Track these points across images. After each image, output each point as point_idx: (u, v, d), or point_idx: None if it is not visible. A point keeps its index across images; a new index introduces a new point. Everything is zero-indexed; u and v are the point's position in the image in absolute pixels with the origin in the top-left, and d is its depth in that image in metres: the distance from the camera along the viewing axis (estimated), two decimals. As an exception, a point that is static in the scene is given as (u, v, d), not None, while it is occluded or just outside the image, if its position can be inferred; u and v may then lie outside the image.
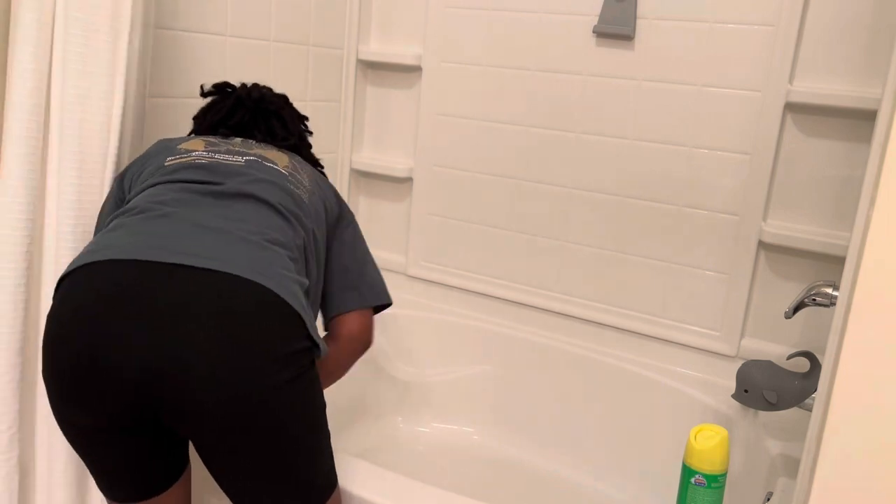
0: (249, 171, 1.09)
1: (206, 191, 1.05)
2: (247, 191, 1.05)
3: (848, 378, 0.65)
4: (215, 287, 0.90)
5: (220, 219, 1.00)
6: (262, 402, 0.90)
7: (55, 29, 1.13)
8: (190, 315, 0.88)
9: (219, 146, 1.16)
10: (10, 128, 1.11)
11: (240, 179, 1.07)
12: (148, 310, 0.89)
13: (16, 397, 1.16)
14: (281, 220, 1.05)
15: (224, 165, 1.10)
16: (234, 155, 1.13)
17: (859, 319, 0.64)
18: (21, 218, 1.13)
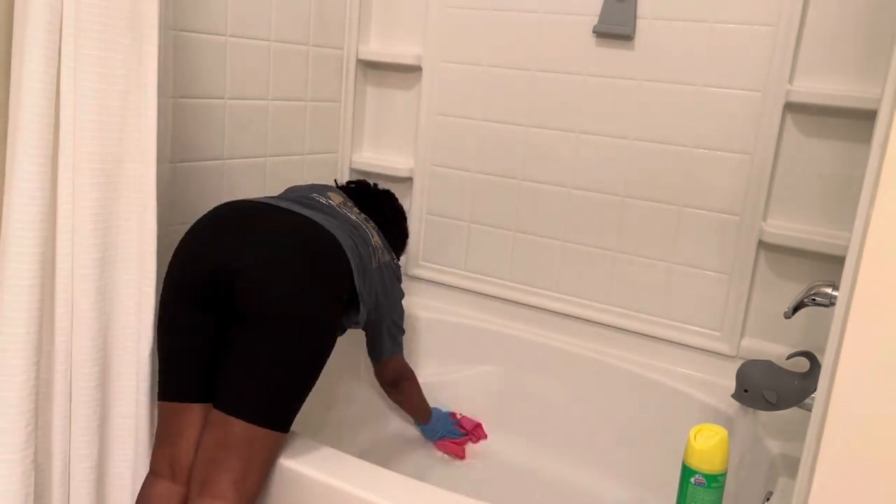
0: (338, 212, 1.46)
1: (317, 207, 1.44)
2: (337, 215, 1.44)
3: (848, 378, 0.65)
4: (300, 225, 1.29)
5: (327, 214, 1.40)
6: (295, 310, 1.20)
7: (64, 29, 1.13)
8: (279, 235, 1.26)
9: (347, 206, 1.53)
10: (21, 129, 1.11)
11: (337, 220, 1.42)
12: (237, 224, 1.28)
13: (32, 396, 1.16)
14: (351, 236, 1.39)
15: (339, 212, 1.47)
16: (352, 214, 1.49)
17: (859, 319, 0.64)
18: (35, 219, 1.13)
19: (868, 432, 0.65)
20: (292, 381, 1.20)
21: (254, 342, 1.19)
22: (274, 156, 1.87)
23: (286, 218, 1.30)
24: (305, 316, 1.20)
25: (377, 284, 1.43)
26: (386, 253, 1.52)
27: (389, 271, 1.51)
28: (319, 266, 1.24)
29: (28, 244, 1.13)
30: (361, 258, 1.34)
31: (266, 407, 1.19)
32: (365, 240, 1.42)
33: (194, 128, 1.64)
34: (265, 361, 1.18)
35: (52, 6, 1.10)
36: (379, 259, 1.46)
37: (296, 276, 1.21)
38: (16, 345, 1.14)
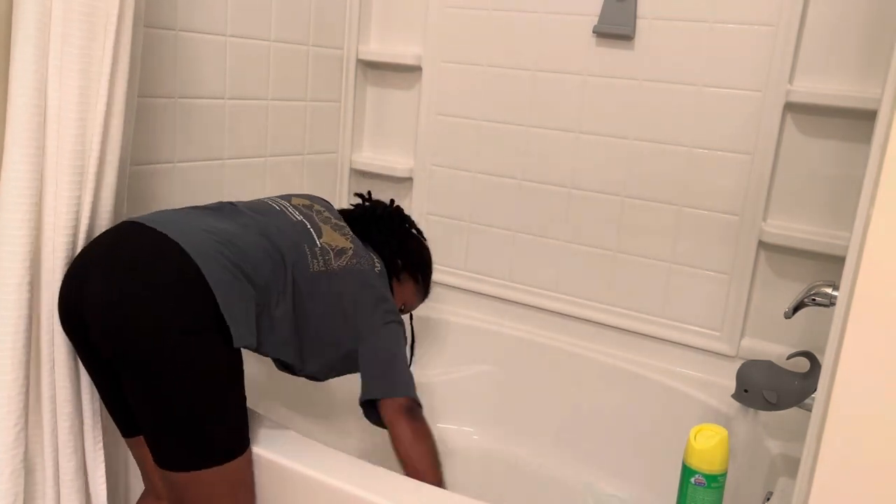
0: (286, 222, 1.31)
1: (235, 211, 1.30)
2: (257, 223, 1.27)
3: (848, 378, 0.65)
4: (152, 244, 1.13)
5: (217, 223, 1.22)
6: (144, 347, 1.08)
7: (52, 28, 1.13)
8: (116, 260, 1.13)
9: (303, 208, 1.39)
10: (14, 129, 1.11)
11: (268, 219, 1.29)
12: (98, 253, 1.15)
13: (21, 395, 1.16)
14: (263, 252, 1.22)
15: (281, 213, 1.33)
16: (302, 216, 1.35)
17: (859, 319, 0.64)
18: (24, 217, 1.13)
19: (868, 432, 0.65)
20: (192, 416, 1.10)
21: (129, 387, 1.11)
22: (274, 156, 1.87)
23: (131, 242, 1.15)
24: (149, 348, 1.07)
25: (325, 289, 1.28)
26: (352, 258, 1.35)
27: (356, 275, 1.34)
28: (156, 293, 1.09)
29: (18, 243, 1.13)
30: (239, 261, 1.16)
31: (187, 453, 1.11)
32: (295, 242, 1.27)
33: (194, 128, 1.64)
34: (152, 408, 1.10)
35: (41, 3, 1.11)
36: (331, 263, 1.30)
37: (124, 307, 1.08)
38: (4, 344, 1.14)
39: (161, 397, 1.09)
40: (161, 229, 1.15)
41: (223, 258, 1.15)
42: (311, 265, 1.27)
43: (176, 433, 1.10)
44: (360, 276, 1.34)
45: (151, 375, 1.08)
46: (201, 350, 1.11)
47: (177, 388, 1.09)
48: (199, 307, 1.10)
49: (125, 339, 1.08)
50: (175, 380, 1.08)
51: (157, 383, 1.08)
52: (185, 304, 1.09)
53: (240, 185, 1.79)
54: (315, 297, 1.26)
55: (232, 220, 1.24)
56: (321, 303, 1.28)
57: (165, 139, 1.57)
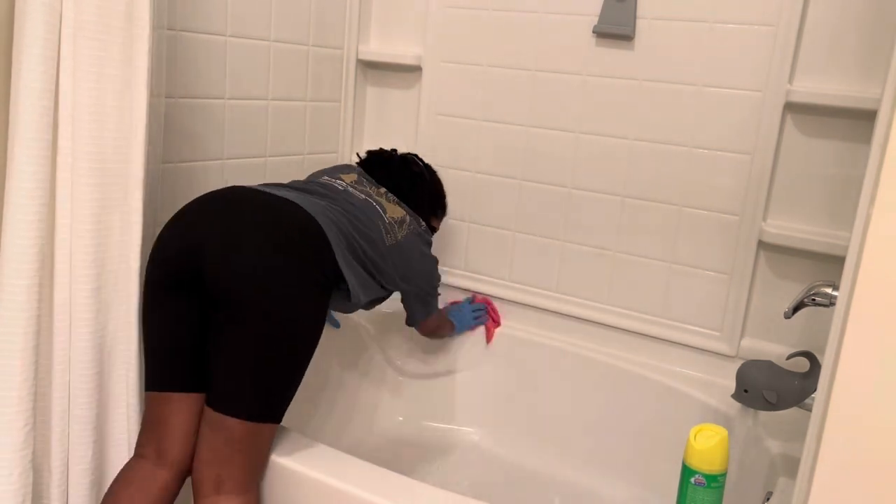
0: (355, 200, 1.44)
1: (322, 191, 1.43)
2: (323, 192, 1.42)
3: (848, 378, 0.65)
4: (274, 206, 1.25)
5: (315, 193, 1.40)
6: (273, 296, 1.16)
7: (63, 29, 1.13)
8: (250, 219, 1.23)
9: (358, 185, 1.52)
10: (19, 130, 1.11)
11: (338, 197, 1.41)
12: (220, 205, 1.26)
13: (31, 396, 1.16)
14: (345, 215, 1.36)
15: (345, 192, 1.45)
16: (363, 193, 1.49)
17: (859, 319, 0.64)
18: (34, 219, 1.13)
19: (868, 432, 0.65)
20: (278, 372, 1.18)
21: (232, 332, 1.16)
22: (274, 156, 1.87)
23: (261, 199, 1.27)
24: (277, 297, 1.16)
25: (397, 260, 1.44)
26: (409, 225, 1.52)
27: (415, 242, 1.52)
28: (289, 246, 1.20)
29: (27, 244, 1.13)
30: (356, 240, 1.32)
31: (259, 404, 1.17)
32: (371, 219, 1.40)
33: (194, 128, 1.64)
34: (247, 355, 1.16)
35: (50, 6, 1.10)
36: (397, 236, 1.46)
37: (260, 254, 1.17)
38: (14, 345, 1.14)
39: (265, 346, 1.15)
40: (275, 192, 1.28)
41: (333, 224, 1.28)
42: (387, 240, 1.42)
43: (265, 382, 1.17)
44: (418, 239, 1.54)
45: (271, 322, 1.15)
46: (319, 306, 1.22)
47: (285, 340, 1.16)
48: (323, 262, 1.22)
49: (253, 283, 1.14)
50: (292, 332, 1.17)
51: (273, 331, 1.15)
52: (311, 258, 1.20)
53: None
54: (388, 265, 1.42)
55: (318, 196, 1.37)
56: (393, 268, 1.44)
57: (165, 139, 1.57)
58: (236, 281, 1.15)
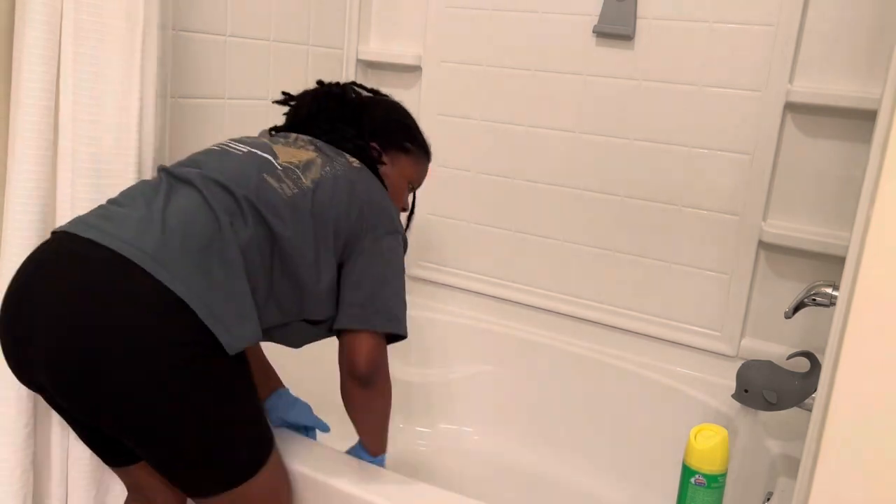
0: (232, 160, 1.11)
1: (170, 176, 1.08)
2: (192, 180, 1.05)
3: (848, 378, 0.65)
4: (100, 265, 0.94)
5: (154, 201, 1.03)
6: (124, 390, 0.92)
7: (63, 29, 1.13)
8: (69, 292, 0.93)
9: (250, 139, 1.19)
10: (20, 130, 1.11)
11: (209, 168, 1.08)
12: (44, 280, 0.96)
13: (31, 396, 1.16)
14: (209, 211, 1.02)
15: (222, 153, 1.13)
16: (249, 147, 1.15)
17: (859, 319, 0.64)
18: (34, 219, 1.13)
19: (868, 432, 0.65)
20: (207, 443, 0.98)
21: (120, 434, 0.97)
22: (274, 156, 1.87)
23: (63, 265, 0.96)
24: (141, 382, 0.92)
25: (314, 207, 1.09)
26: (325, 165, 1.15)
27: (339, 186, 1.13)
28: (108, 313, 0.92)
29: (27, 245, 1.13)
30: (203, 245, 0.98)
31: (214, 477, 1.01)
32: (246, 174, 1.07)
33: (194, 128, 1.63)
34: (156, 449, 0.97)
35: (50, 6, 1.10)
36: (303, 180, 1.11)
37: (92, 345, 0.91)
38: (15, 345, 1.13)
39: (163, 437, 0.96)
40: (102, 240, 0.95)
41: (185, 253, 0.96)
42: (282, 191, 1.07)
43: (194, 464, 0.99)
44: (339, 181, 1.14)
45: (144, 418, 0.93)
46: (196, 372, 0.95)
47: (179, 423, 0.95)
48: (176, 324, 0.94)
49: (95, 391, 0.91)
50: (174, 415, 0.94)
51: (153, 425, 0.94)
52: (160, 328, 0.93)
53: (240, 185, 1.78)
54: (298, 226, 1.07)
55: (176, 194, 1.04)
56: (305, 229, 1.08)
57: (165, 139, 1.57)
58: (77, 385, 0.92)
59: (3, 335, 0.99)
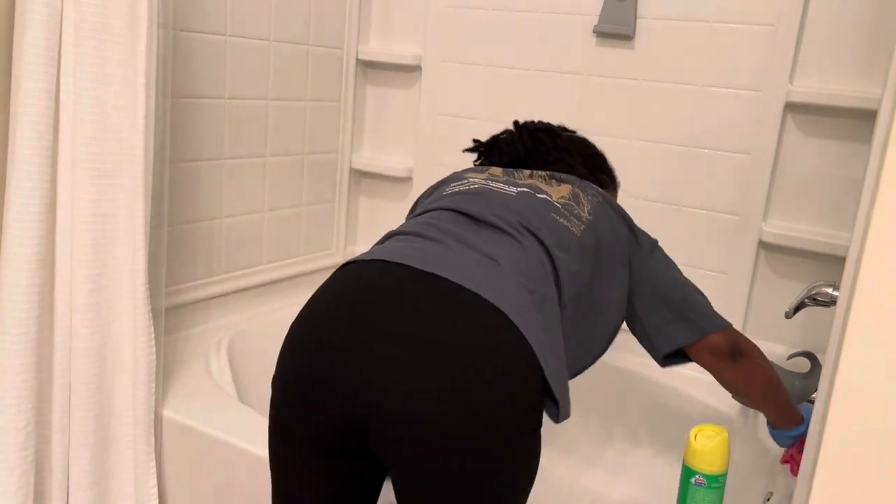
0: (516, 203, 1.03)
1: (468, 218, 1.01)
2: (504, 227, 0.99)
3: (849, 378, 0.65)
4: (467, 310, 0.85)
5: (478, 243, 0.95)
6: (470, 460, 0.82)
7: (64, 29, 1.13)
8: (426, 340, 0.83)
9: (498, 177, 1.13)
10: (20, 130, 1.11)
11: (502, 212, 1.02)
12: (380, 320, 0.85)
13: (32, 396, 1.16)
14: (529, 257, 0.96)
15: (495, 194, 1.06)
16: (510, 185, 1.09)
17: (860, 319, 0.64)
18: (34, 219, 1.13)
19: (869, 433, 0.65)
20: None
21: (426, 494, 0.84)
22: (274, 156, 1.87)
23: (436, 306, 0.86)
24: (482, 446, 0.82)
25: (597, 234, 1.04)
26: (584, 194, 1.10)
27: (603, 205, 1.10)
28: (484, 367, 0.83)
29: (27, 244, 1.13)
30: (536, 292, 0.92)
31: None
32: (540, 213, 1.02)
33: (194, 128, 1.64)
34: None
35: (51, 5, 1.10)
36: (582, 213, 1.07)
37: (471, 412, 0.81)
38: (15, 345, 1.14)
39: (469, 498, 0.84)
40: (453, 277, 0.87)
41: (527, 303, 0.88)
42: (575, 229, 1.03)
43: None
44: (606, 205, 1.10)
45: (475, 489, 0.83)
46: (535, 445, 0.88)
47: (498, 494, 0.85)
48: (532, 389, 0.85)
49: (449, 448, 0.81)
50: (509, 490, 0.85)
51: (481, 496, 0.84)
52: (521, 390, 0.84)
53: (240, 185, 1.79)
54: (584, 262, 1.02)
55: (494, 232, 0.97)
56: (590, 263, 1.02)
57: (165, 140, 1.57)
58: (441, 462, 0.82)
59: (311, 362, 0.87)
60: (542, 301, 0.92)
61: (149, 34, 1.21)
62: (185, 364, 1.55)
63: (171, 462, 1.39)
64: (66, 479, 1.26)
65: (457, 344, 0.82)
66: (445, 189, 1.12)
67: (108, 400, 1.29)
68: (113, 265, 1.25)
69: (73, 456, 1.25)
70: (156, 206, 1.37)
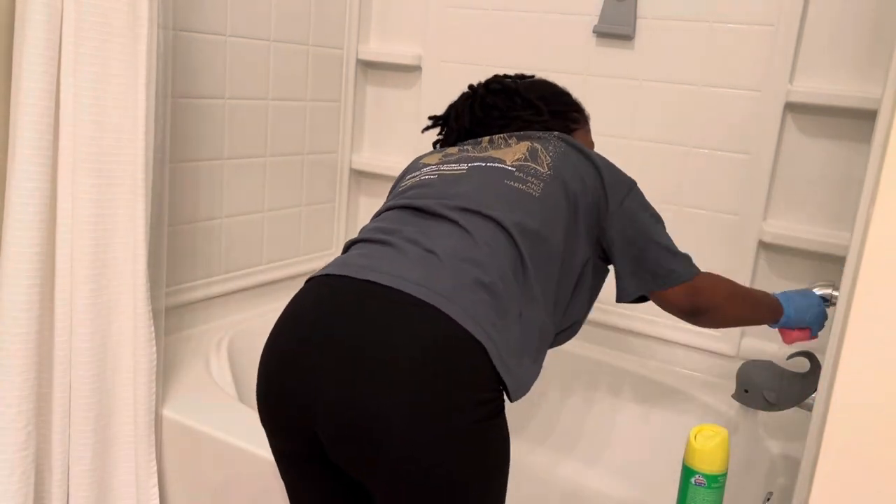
0: (464, 183, 1.03)
1: (415, 212, 1.02)
2: (446, 214, 0.99)
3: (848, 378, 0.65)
4: (398, 311, 0.87)
5: (420, 238, 0.96)
6: (425, 457, 0.83)
7: (64, 29, 1.13)
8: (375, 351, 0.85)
9: (451, 156, 1.12)
10: (20, 130, 1.11)
11: (449, 198, 1.01)
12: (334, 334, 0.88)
13: (32, 396, 1.16)
14: (472, 240, 0.96)
15: (444, 179, 1.06)
16: (461, 163, 1.09)
17: (860, 319, 0.64)
18: (34, 219, 1.13)
19: (869, 433, 0.65)
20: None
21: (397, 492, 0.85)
22: (274, 156, 1.87)
23: (368, 312, 0.88)
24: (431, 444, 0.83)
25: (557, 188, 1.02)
26: (542, 150, 1.09)
27: (566, 153, 1.08)
28: (430, 380, 0.84)
29: (27, 244, 1.13)
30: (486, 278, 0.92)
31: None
32: (488, 184, 1.02)
33: (194, 128, 1.64)
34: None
35: (51, 5, 1.10)
36: (541, 169, 1.05)
37: (391, 394, 0.83)
38: (15, 345, 1.14)
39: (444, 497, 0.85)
40: (385, 281, 0.89)
41: (466, 288, 0.89)
42: (532, 190, 1.02)
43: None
44: (571, 152, 1.09)
45: (432, 486, 0.83)
46: (495, 433, 0.88)
47: (469, 482, 0.86)
48: (477, 377, 0.86)
49: (384, 447, 0.83)
50: (470, 487, 0.85)
51: (442, 495, 0.84)
52: (462, 380, 0.85)
53: (240, 185, 1.79)
54: (548, 220, 1.01)
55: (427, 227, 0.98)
56: (557, 220, 1.01)
57: (165, 140, 1.57)
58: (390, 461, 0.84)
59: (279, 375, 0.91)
60: (491, 278, 0.92)
61: (149, 34, 1.21)
62: (185, 364, 1.55)
63: (171, 462, 1.39)
64: (66, 479, 1.26)
65: (387, 346, 0.84)
66: (402, 183, 1.13)
67: (109, 400, 1.29)
68: (113, 265, 1.25)
69: (73, 456, 1.25)
70: (156, 206, 1.37)
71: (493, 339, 0.88)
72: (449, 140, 1.28)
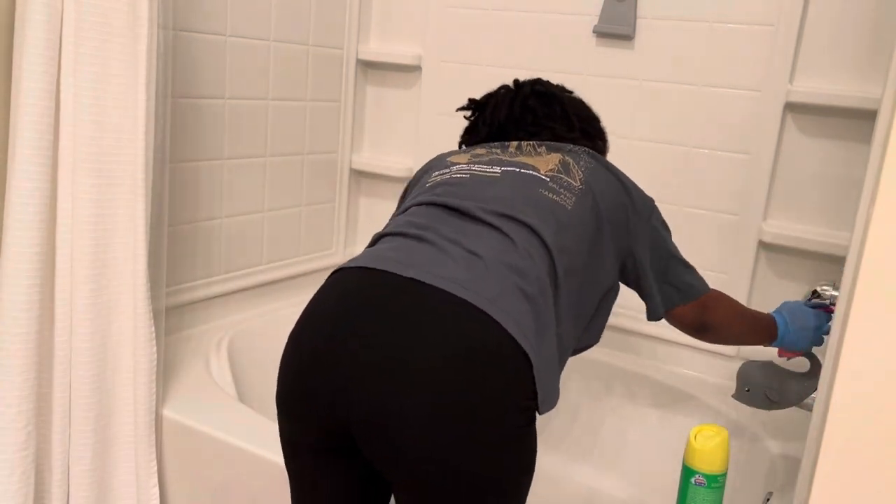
0: (500, 187, 1.01)
1: (451, 212, 1.00)
2: (483, 217, 0.97)
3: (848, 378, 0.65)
4: (446, 312, 0.85)
5: (460, 239, 0.94)
6: (466, 461, 0.83)
7: (64, 29, 1.13)
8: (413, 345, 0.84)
9: (481, 157, 1.11)
10: (20, 130, 1.11)
11: (486, 201, 0.99)
12: (370, 324, 0.86)
13: (32, 396, 1.16)
14: (514, 247, 0.95)
15: (478, 180, 1.03)
16: (493, 165, 1.07)
17: (860, 319, 0.64)
18: (34, 219, 1.13)
19: (869, 432, 0.65)
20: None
21: (425, 495, 0.85)
22: (273, 156, 1.87)
23: (416, 311, 0.86)
24: (469, 449, 0.82)
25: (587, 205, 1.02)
26: (576, 162, 1.08)
27: (600, 171, 1.08)
28: (469, 368, 0.83)
29: (27, 244, 1.13)
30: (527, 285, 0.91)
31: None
32: (527, 195, 1.00)
33: (194, 128, 1.64)
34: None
35: (51, 6, 1.10)
36: (574, 183, 1.04)
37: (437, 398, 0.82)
38: (15, 345, 1.14)
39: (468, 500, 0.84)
40: (432, 280, 0.87)
41: (512, 295, 0.88)
42: (565, 202, 1.01)
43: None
44: (602, 169, 1.09)
45: (468, 489, 0.83)
46: (530, 442, 0.88)
47: (497, 491, 0.85)
48: (520, 384, 0.85)
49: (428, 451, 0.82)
50: (497, 481, 0.85)
51: (468, 490, 0.83)
52: (506, 386, 0.84)
53: (240, 185, 1.79)
54: (578, 235, 1.00)
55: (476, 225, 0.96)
56: (584, 235, 1.01)
57: (165, 140, 1.57)
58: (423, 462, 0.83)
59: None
60: (532, 289, 0.91)
61: (149, 34, 1.21)
62: (185, 364, 1.55)
63: (172, 462, 1.39)
64: (66, 479, 1.26)
65: (436, 346, 0.83)
66: (428, 179, 1.10)
67: (109, 400, 1.29)
68: (113, 265, 1.25)
69: (73, 456, 1.25)
70: (156, 206, 1.37)
71: (534, 349, 0.87)
72: (477, 130, 1.25)
